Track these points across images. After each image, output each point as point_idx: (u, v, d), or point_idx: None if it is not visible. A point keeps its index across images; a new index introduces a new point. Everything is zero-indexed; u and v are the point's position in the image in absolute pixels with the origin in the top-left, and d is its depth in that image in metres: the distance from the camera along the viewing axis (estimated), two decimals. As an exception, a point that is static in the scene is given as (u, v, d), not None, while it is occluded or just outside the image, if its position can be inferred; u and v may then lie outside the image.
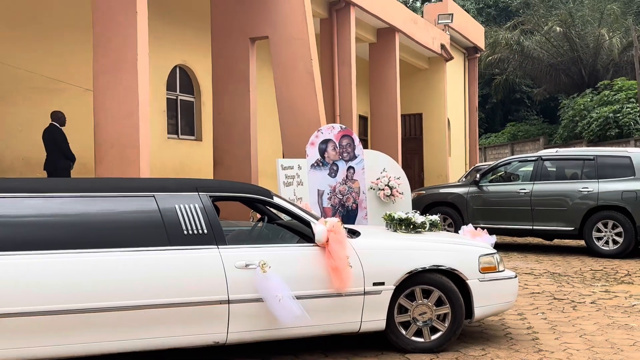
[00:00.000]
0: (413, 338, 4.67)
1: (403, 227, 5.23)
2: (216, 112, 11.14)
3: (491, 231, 6.01)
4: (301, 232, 4.67)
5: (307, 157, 8.18)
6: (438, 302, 4.69)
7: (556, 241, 11.41)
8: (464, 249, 4.94)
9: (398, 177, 8.49)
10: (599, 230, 9.66)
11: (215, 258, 4.18)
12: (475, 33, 22.28)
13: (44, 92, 10.03)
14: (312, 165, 8.17)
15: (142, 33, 7.44)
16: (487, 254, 4.95)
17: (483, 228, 5.87)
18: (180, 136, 13.12)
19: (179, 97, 13.18)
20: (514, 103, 36.82)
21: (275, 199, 4.74)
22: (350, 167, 8.36)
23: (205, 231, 4.23)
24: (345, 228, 4.66)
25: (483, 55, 27.03)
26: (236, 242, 4.52)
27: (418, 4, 40.01)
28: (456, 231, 8.88)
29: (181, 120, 13.23)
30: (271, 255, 4.31)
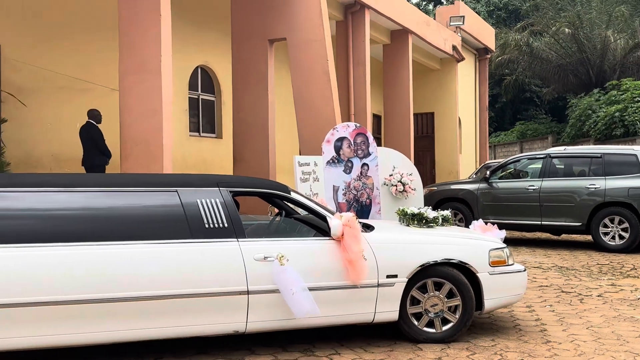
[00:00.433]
0: (425, 329, 4.80)
1: (415, 222, 5.38)
2: (236, 111, 11.34)
3: (501, 226, 6.16)
4: (317, 226, 4.79)
5: (323, 154, 8.34)
6: (449, 294, 4.82)
7: (564, 236, 11.50)
8: (475, 243, 5.05)
9: (410, 174, 8.61)
10: (606, 225, 9.77)
11: (235, 251, 4.33)
12: (486, 35, 22.38)
13: (71, 92, 10.26)
14: (328, 162, 8.34)
15: (166, 35, 7.59)
16: (497, 248, 5.07)
17: (493, 223, 5.99)
18: (201, 134, 13.34)
19: (201, 97, 13.41)
20: (523, 102, 36.77)
21: (292, 194, 4.88)
22: (364, 164, 8.52)
23: (225, 225, 4.39)
24: (359, 222, 4.79)
25: (493, 56, 27.08)
26: (255, 236, 4.69)
27: (430, 7, 40.18)
28: (467, 226, 8.99)
29: (202, 118, 13.46)
30: (288, 248, 4.45)
